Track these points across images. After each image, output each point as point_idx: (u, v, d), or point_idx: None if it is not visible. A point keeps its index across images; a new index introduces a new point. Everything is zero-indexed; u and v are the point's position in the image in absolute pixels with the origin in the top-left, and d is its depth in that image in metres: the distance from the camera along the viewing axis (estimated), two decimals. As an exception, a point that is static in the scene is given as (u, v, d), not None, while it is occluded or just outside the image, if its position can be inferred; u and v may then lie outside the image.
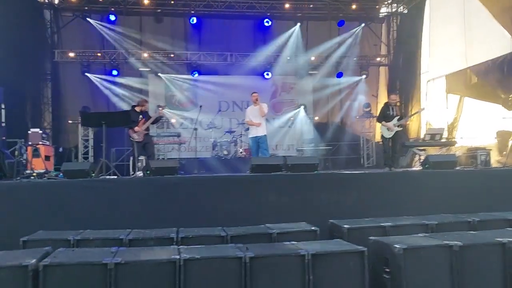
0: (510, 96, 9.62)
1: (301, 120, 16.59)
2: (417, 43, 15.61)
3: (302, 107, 16.52)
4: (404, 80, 16.41)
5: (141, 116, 9.28)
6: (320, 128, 16.44)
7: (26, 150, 9.58)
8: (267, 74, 16.35)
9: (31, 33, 13.75)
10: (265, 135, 9.92)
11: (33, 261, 3.74)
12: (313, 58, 16.52)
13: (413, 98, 15.80)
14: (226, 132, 14.54)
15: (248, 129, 14.32)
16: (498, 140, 11.23)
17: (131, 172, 9.38)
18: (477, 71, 12.28)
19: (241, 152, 13.76)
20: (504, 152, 9.77)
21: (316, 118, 16.90)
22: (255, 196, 6.56)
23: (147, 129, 9.36)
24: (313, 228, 5.35)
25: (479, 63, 12.24)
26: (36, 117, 14.46)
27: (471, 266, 4.34)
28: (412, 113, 14.72)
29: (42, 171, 8.97)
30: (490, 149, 11.01)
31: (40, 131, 10.82)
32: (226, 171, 11.98)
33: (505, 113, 9.99)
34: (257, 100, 9.82)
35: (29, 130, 10.57)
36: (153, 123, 9.65)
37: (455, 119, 13.59)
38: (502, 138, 10.93)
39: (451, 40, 13.95)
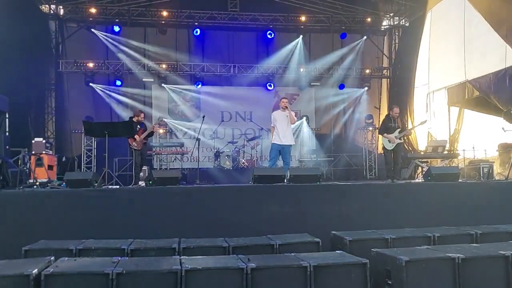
0: (512, 108, 9.63)
1: (303, 131, 16.62)
2: (415, 56, 15.69)
3: (304, 118, 16.54)
4: (401, 92, 16.47)
5: (138, 126, 9.71)
6: (322, 139, 16.45)
7: (30, 160, 9.60)
8: (270, 86, 16.41)
9: (36, 44, 13.87)
10: (291, 145, 9.21)
11: (35, 270, 3.74)
12: (315, 70, 16.58)
13: (408, 110, 15.85)
14: (229, 142, 14.57)
15: (252, 139, 14.48)
16: (500, 153, 11.21)
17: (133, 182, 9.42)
18: (479, 84, 12.30)
19: (243, 163, 13.77)
20: (507, 165, 9.74)
21: (318, 129, 16.91)
22: (257, 206, 6.55)
23: (145, 138, 9.80)
24: (315, 239, 5.34)
25: (481, 76, 12.25)
26: (39, 127, 14.54)
27: (473, 279, 4.32)
28: (415, 125, 14.69)
29: (45, 180, 8.99)
30: (493, 162, 10.99)
31: (44, 141, 10.87)
32: (228, 181, 11.98)
33: (505, 126, 9.98)
34: (286, 106, 9.08)
35: (33, 140, 10.62)
36: (147, 136, 9.98)
37: (456, 131, 13.58)
38: (504, 150, 10.91)
39: (451, 53, 14.01)
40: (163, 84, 15.97)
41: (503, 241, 5.33)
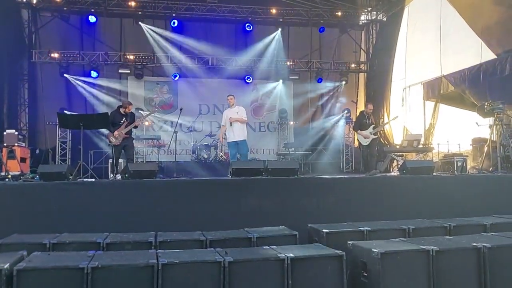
0: (486, 103, 9.81)
1: (281, 125, 16.67)
2: (392, 50, 15.87)
3: (282, 111, 16.58)
4: (377, 87, 16.67)
5: (124, 118, 8.98)
6: (300, 132, 16.52)
7: (1, 152, 9.38)
8: (248, 78, 16.38)
9: (7, 33, 13.50)
10: (244, 140, 9.49)
11: (7, 265, 3.63)
12: (293, 63, 16.61)
13: (385, 104, 16.06)
14: (207, 135, 14.49)
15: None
16: (473, 147, 11.45)
17: (110, 175, 9.25)
18: (454, 79, 12.53)
19: (221, 156, 13.73)
20: (480, 158, 9.96)
21: (296, 123, 16.98)
22: (235, 200, 6.54)
23: (128, 132, 9.06)
24: (292, 232, 5.36)
25: (455, 71, 12.48)
26: (12, 118, 14.19)
27: (447, 271, 4.41)
28: (386, 121, 14.99)
29: (18, 173, 8.80)
30: (467, 156, 11.22)
31: (16, 132, 10.62)
32: (206, 174, 11.92)
33: (479, 120, 10.22)
34: (233, 103, 9.64)
35: (5, 131, 10.35)
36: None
37: (431, 125, 13.82)
38: (478, 144, 11.15)
39: (427, 48, 14.23)
40: (139, 76, 15.74)
41: (476, 233, 5.44)
